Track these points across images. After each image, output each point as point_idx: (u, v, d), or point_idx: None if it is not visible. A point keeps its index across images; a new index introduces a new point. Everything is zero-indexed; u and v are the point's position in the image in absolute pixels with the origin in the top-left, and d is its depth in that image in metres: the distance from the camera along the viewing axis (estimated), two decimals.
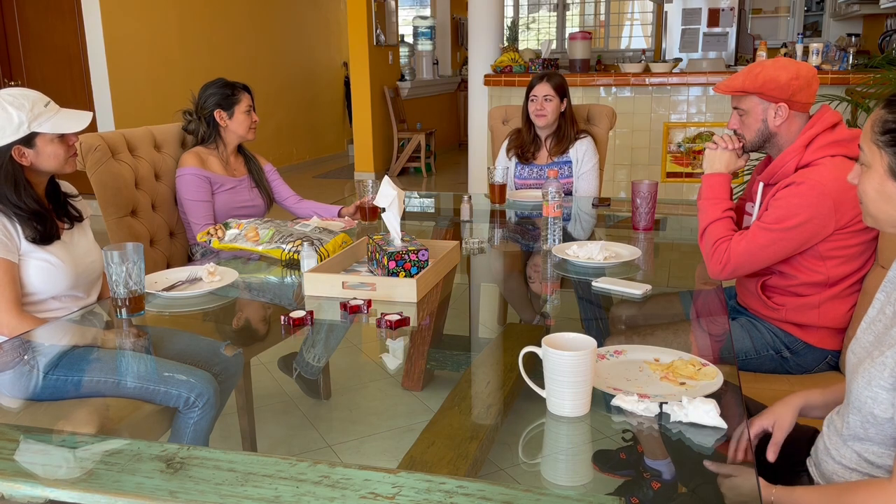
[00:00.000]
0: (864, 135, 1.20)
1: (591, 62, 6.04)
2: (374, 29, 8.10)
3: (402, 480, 1.00)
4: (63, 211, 1.93)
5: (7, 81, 6.29)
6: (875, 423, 1.14)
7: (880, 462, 1.17)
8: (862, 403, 1.15)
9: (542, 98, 3.08)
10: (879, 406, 1.12)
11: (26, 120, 1.76)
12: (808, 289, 1.90)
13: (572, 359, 1.18)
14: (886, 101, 1.18)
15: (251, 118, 2.69)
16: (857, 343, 1.28)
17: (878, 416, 1.13)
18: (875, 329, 1.25)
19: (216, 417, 1.41)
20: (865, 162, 1.19)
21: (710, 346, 1.52)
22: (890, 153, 1.13)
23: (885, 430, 1.13)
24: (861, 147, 1.20)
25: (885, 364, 1.13)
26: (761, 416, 1.41)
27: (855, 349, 1.28)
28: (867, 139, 1.18)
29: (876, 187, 1.16)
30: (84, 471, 1.05)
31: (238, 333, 1.76)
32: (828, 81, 4.44)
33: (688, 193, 4.92)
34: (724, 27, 5.91)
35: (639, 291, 1.81)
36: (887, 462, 1.16)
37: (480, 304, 1.99)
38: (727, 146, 2.03)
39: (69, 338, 1.69)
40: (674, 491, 1.04)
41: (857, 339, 1.29)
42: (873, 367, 1.15)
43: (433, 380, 1.48)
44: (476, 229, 2.65)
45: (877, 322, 1.25)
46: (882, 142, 1.15)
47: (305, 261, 1.95)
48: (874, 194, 1.17)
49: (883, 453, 1.17)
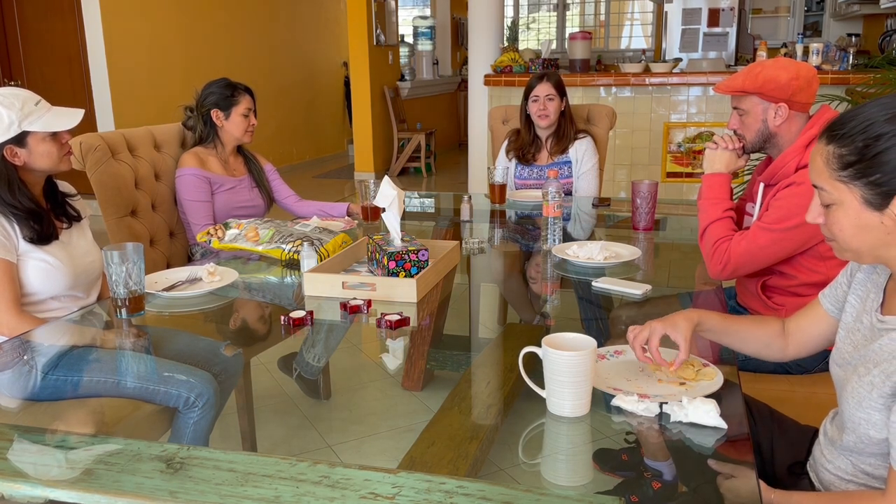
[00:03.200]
0: (817, 175, 1.15)
1: (591, 62, 6.04)
2: (374, 29, 8.10)
3: (402, 480, 1.00)
4: (61, 210, 1.93)
5: (7, 81, 6.29)
6: (871, 442, 1.13)
7: (878, 473, 1.16)
8: (856, 425, 1.14)
9: (544, 98, 3.08)
10: (874, 427, 1.11)
11: (17, 119, 1.76)
12: (808, 289, 1.90)
13: (572, 359, 1.18)
14: (829, 135, 1.13)
15: (248, 121, 2.69)
16: (838, 353, 1.26)
17: (874, 436, 1.12)
18: (854, 339, 1.23)
19: (216, 417, 1.41)
20: (833, 201, 1.14)
21: (710, 346, 1.52)
22: (860, 186, 1.10)
23: (881, 447, 1.12)
24: (819, 187, 1.16)
25: (873, 384, 1.11)
26: (660, 322, 1.32)
27: (837, 360, 1.26)
28: (825, 178, 1.13)
29: (853, 222, 1.12)
30: (84, 471, 1.05)
31: (238, 333, 1.76)
32: (828, 81, 4.44)
33: (688, 193, 4.92)
34: (724, 27, 5.92)
35: (639, 291, 1.81)
36: (885, 473, 1.15)
37: (480, 304, 1.99)
38: (727, 146, 2.03)
39: (69, 338, 1.69)
40: (674, 491, 1.04)
41: (838, 348, 1.27)
42: (861, 386, 1.13)
43: (433, 380, 1.48)
44: (476, 229, 2.65)
45: (854, 331, 1.23)
46: (846, 177, 1.11)
47: (305, 261, 1.95)
48: (852, 230, 1.13)
49: (880, 465, 1.16)
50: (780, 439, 1.49)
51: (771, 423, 1.52)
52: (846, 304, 1.29)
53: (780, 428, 1.52)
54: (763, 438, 1.49)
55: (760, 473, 1.10)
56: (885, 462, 1.14)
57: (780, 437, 1.50)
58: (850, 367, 1.20)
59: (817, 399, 1.82)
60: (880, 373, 1.10)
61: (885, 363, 1.10)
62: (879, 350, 1.13)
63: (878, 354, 1.13)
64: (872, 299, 1.22)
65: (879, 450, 1.13)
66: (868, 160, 1.08)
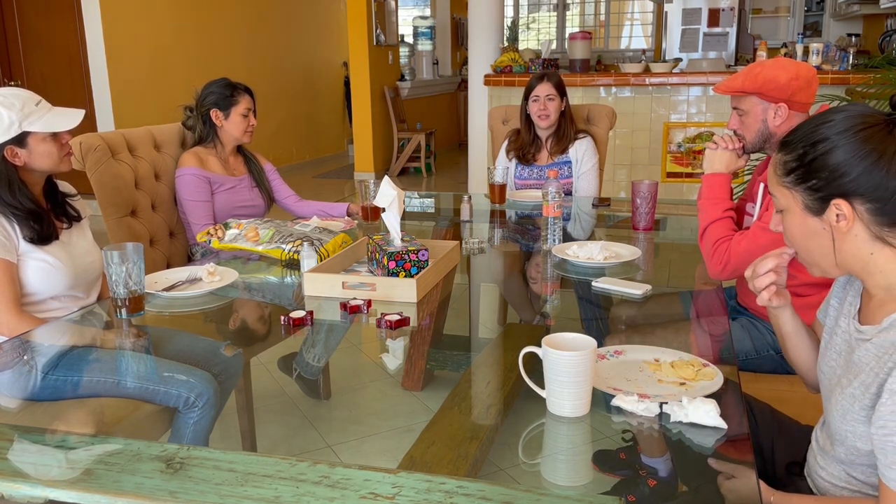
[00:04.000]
0: (770, 181, 1.21)
1: (591, 62, 6.04)
2: (374, 29, 8.11)
3: (402, 480, 1.00)
4: (61, 211, 1.93)
5: (7, 81, 6.29)
6: (860, 453, 1.13)
7: (870, 481, 1.16)
8: (843, 437, 1.14)
9: (544, 98, 3.08)
10: (860, 439, 1.11)
11: (17, 119, 1.76)
12: (808, 289, 1.90)
13: (572, 359, 1.18)
14: (780, 143, 1.19)
15: (248, 121, 2.69)
16: (822, 360, 1.26)
17: (861, 448, 1.12)
18: (836, 344, 1.23)
19: (216, 417, 1.41)
20: (782, 207, 1.19)
21: (710, 346, 1.52)
22: (801, 191, 1.14)
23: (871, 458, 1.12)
24: (772, 194, 1.21)
25: (855, 396, 1.11)
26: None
27: (823, 367, 1.26)
28: (775, 184, 1.19)
29: (800, 229, 1.17)
30: (84, 471, 1.05)
31: (238, 333, 1.76)
32: (828, 81, 4.44)
33: (688, 193, 4.92)
34: (724, 27, 5.92)
35: (639, 291, 1.81)
36: (877, 481, 1.15)
37: (480, 304, 1.99)
38: (727, 146, 2.03)
39: (69, 338, 1.69)
40: (670, 488, 1.04)
41: (822, 354, 1.27)
42: (844, 398, 1.13)
43: (433, 380, 1.48)
44: (476, 229, 2.65)
45: (834, 335, 1.24)
46: (789, 183, 1.16)
47: (305, 261, 1.95)
48: (801, 237, 1.18)
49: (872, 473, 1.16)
50: (780, 439, 1.49)
51: (771, 423, 1.52)
52: (829, 308, 1.30)
53: (780, 428, 1.52)
54: (763, 438, 1.49)
55: (760, 473, 1.10)
56: (876, 471, 1.14)
57: (780, 437, 1.50)
58: (835, 378, 1.20)
59: (817, 399, 1.81)
60: (860, 384, 1.10)
61: (864, 374, 1.10)
62: (859, 361, 1.13)
63: (857, 366, 1.13)
64: (850, 303, 1.23)
65: (869, 460, 1.12)
66: (805, 165, 1.13)
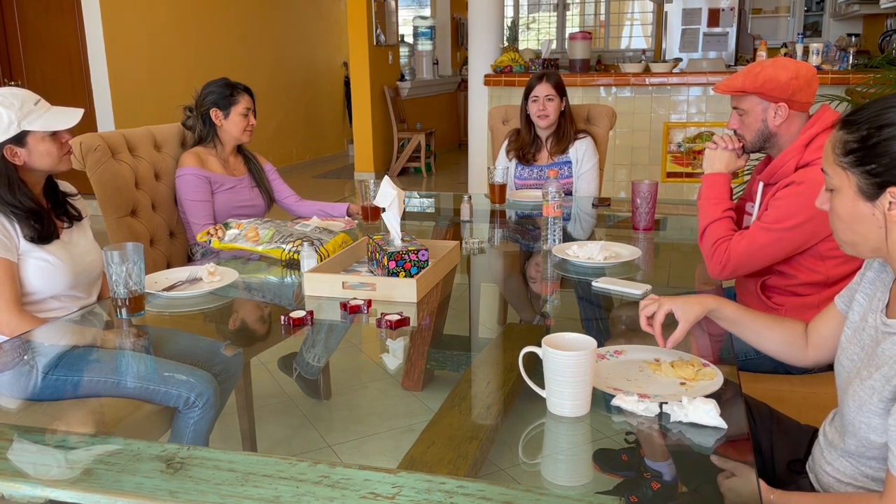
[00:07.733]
0: (825, 159, 1.18)
1: (591, 62, 6.04)
2: (374, 29, 8.10)
3: (402, 480, 1.00)
4: (62, 210, 1.93)
5: (7, 81, 6.29)
6: (872, 446, 1.13)
7: (879, 476, 1.16)
8: (857, 429, 1.14)
9: (543, 98, 3.08)
10: (875, 432, 1.11)
11: (16, 119, 1.76)
12: (807, 288, 1.90)
13: (572, 359, 1.18)
14: (842, 121, 1.16)
15: (247, 121, 2.69)
16: (843, 353, 1.26)
17: (875, 440, 1.12)
18: (861, 339, 1.22)
19: (216, 417, 1.41)
20: (833, 186, 1.16)
21: (710, 346, 1.52)
22: (857, 173, 1.11)
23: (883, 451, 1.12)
24: (825, 171, 1.18)
25: (874, 388, 1.11)
26: (672, 300, 1.39)
27: (842, 360, 1.25)
28: (830, 163, 1.16)
29: (848, 210, 1.14)
30: (84, 471, 1.05)
31: (238, 333, 1.76)
32: (828, 81, 4.44)
33: (688, 193, 4.92)
34: (724, 27, 5.92)
35: (639, 291, 1.81)
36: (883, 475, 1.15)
37: (480, 304, 1.99)
38: (727, 146, 2.03)
39: (69, 338, 1.69)
40: (674, 490, 1.04)
41: (843, 348, 1.26)
42: (862, 389, 1.13)
43: (433, 380, 1.48)
44: (476, 229, 2.65)
45: (860, 331, 1.23)
46: (846, 163, 1.13)
47: (305, 261, 1.95)
48: (847, 218, 1.15)
49: (882, 468, 1.16)
50: (779, 439, 1.49)
51: (771, 423, 1.52)
52: (854, 303, 1.29)
53: (779, 428, 1.52)
54: (763, 438, 1.49)
55: (760, 473, 1.10)
56: (884, 465, 1.14)
57: (780, 437, 1.50)
58: (854, 370, 1.19)
59: (817, 399, 1.82)
60: (881, 377, 1.10)
61: (886, 367, 1.10)
62: (882, 354, 1.12)
63: (880, 358, 1.12)
64: (879, 298, 1.22)
65: (881, 454, 1.12)
66: (867, 148, 1.10)
